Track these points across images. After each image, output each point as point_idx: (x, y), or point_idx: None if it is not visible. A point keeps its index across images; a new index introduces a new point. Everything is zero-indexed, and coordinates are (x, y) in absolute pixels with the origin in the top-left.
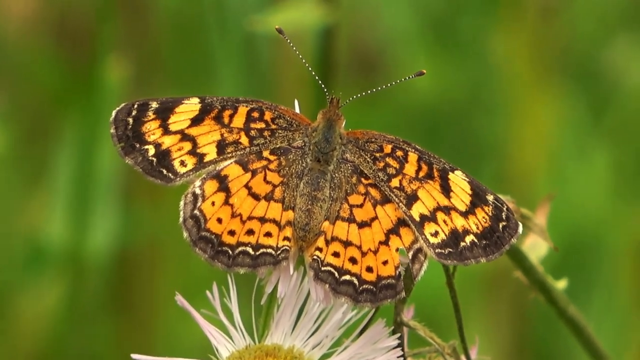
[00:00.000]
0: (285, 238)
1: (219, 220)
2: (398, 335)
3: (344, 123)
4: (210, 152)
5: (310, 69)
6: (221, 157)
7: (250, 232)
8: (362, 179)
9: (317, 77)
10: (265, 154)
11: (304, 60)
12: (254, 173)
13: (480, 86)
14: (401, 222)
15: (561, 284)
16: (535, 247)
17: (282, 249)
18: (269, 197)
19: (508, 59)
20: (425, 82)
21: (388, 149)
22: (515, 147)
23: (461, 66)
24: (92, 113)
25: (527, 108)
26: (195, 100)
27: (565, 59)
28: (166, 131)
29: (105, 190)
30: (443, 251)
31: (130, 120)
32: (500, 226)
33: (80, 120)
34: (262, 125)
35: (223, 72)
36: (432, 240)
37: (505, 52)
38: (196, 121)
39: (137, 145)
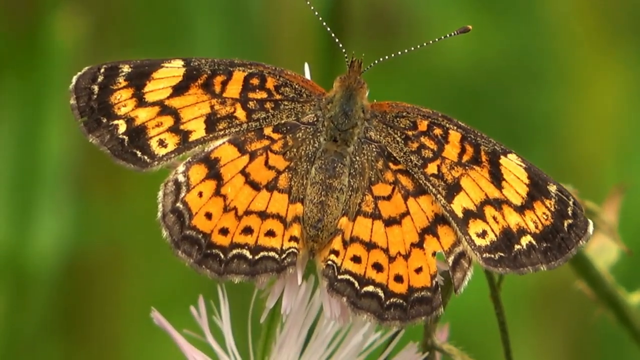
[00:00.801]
0: (292, 238)
1: (208, 216)
2: None
3: (367, 93)
4: (198, 129)
5: (322, 21)
6: (211, 135)
7: (247, 230)
8: (391, 164)
9: (332, 34)
10: (268, 131)
11: (312, 8)
12: (252, 155)
13: (529, 52)
14: (440, 219)
15: (636, 298)
16: (603, 250)
17: (288, 252)
18: (271, 187)
19: (564, 17)
20: (459, 47)
21: (423, 125)
22: (574, 127)
23: (505, 27)
24: (36, 81)
25: (590, 78)
26: (179, 62)
27: (635, 16)
28: (141, 102)
29: (52, 180)
30: (493, 256)
31: (96, 88)
32: (565, 225)
33: (21, 90)
34: (263, 94)
35: (201, 28)
36: (479, 242)
37: (560, 8)
38: (179, 90)
39: (104, 120)
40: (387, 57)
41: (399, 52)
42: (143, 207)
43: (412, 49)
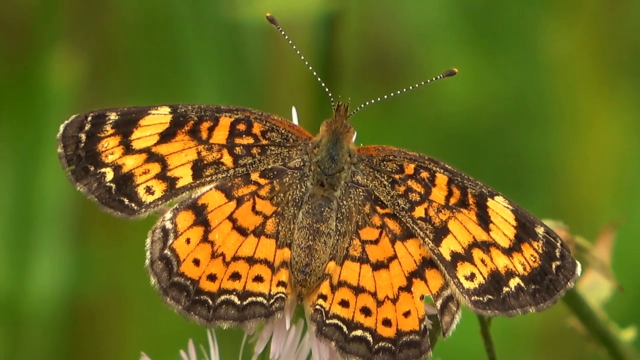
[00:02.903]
0: (280, 283)
1: (196, 262)
2: None
3: (354, 137)
4: (185, 176)
5: (310, 67)
6: (198, 182)
7: (235, 276)
8: (378, 208)
9: (319, 79)
10: (254, 176)
11: (302, 57)
12: (239, 201)
13: (528, 94)
14: (427, 263)
15: (628, 335)
16: (595, 287)
17: (276, 297)
18: (259, 232)
19: (564, 59)
20: (458, 90)
21: (410, 169)
22: (574, 168)
23: (504, 69)
24: (33, 123)
25: (590, 120)
26: (165, 109)
27: (635, 57)
28: (128, 150)
29: (50, 222)
30: (481, 299)
31: (83, 136)
32: (554, 267)
33: (18, 131)
34: (249, 140)
35: (199, 73)
36: (467, 285)
37: (560, 50)
38: (166, 137)
39: (92, 169)
40: (376, 99)
41: (390, 95)
42: (143, 250)
43: (400, 92)
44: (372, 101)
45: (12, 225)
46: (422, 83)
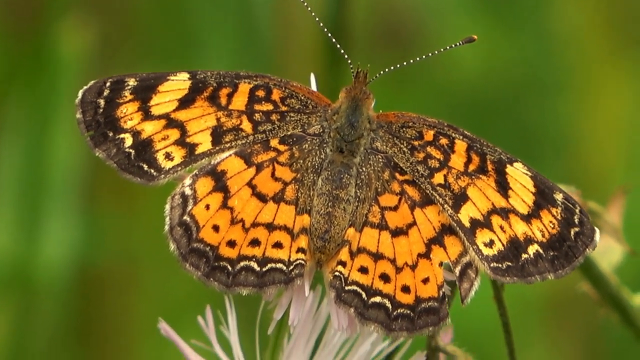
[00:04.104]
0: (300, 250)
1: (216, 228)
2: None
3: (373, 103)
4: (204, 142)
5: (325, 30)
6: (217, 148)
7: (255, 242)
8: (397, 174)
9: (337, 44)
10: (274, 143)
11: (317, 20)
12: (259, 167)
13: (540, 63)
14: (446, 229)
15: None
16: (607, 251)
17: (295, 263)
18: (278, 198)
19: (576, 28)
20: (471, 59)
21: (429, 135)
22: (585, 138)
23: (517, 38)
24: (44, 93)
25: (601, 90)
26: (184, 75)
27: None
28: (147, 116)
29: (62, 190)
30: (500, 265)
31: (102, 102)
32: (572, 233)
33: (29, 102)
34: (269, 106)
35: (212, 41)
36: (486, 251)
37: (572, 19)
38: (185, 102)
39: (111, 134)
40: (392, 67)
41: (404, 63)
42: (155, 218)
43: (418, 59)
44: (392, 68)
45: (23, 193)
46: (442, 50)
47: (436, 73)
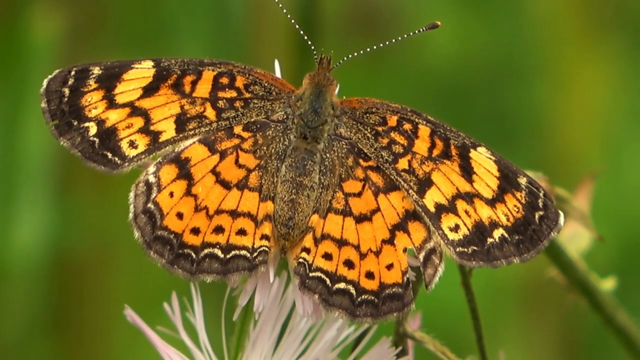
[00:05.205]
0: (264, 236)
1: (180, 216)
2: (400, 349)
3: (337, 89)
4: (168, 129)
5: (290, 18)
6: (181, 135)
7: (219, 229)
8: (361, 160)
9: (301, 31)
10: (238, 130)
11: (281, 6)
12: (222, 155)
13: (515, 47)
14: (410, 215)
15: (608, 285)
16: (575, 237)
17: (259, 250)
18: (242, 185)
19: (551, 13)
20: (446, 43)
21: (393, 121)
22: (559, 123)
23: (492, 23)
24: (15, 81)
25: (576, 74)
26: (149, 63)
27: (622, 12)
28: (111, 104)
29: (36, 176)
30: (466, 250)
31: (67, 91)
32: (537, 217)
33: (0, 89)
34: (232, 93)
35: (185, 28)
36: (452, 236)
37: (547, 4)
38: (149, 90)
39: (75, 123)
40: (361, 52)
41: (369, 49)
42: (128, 204)
43: (387, 43)
44: (356, 54)
45: None
46: (405, 36)
47: (412, 59)
